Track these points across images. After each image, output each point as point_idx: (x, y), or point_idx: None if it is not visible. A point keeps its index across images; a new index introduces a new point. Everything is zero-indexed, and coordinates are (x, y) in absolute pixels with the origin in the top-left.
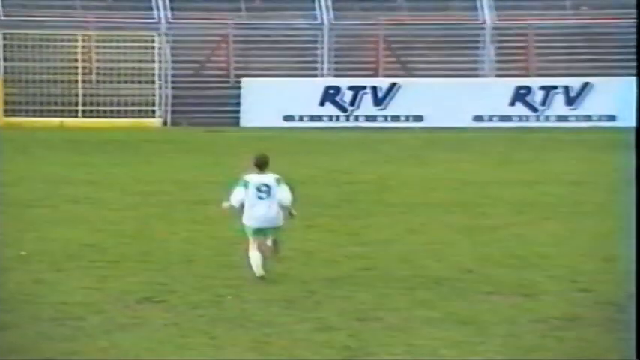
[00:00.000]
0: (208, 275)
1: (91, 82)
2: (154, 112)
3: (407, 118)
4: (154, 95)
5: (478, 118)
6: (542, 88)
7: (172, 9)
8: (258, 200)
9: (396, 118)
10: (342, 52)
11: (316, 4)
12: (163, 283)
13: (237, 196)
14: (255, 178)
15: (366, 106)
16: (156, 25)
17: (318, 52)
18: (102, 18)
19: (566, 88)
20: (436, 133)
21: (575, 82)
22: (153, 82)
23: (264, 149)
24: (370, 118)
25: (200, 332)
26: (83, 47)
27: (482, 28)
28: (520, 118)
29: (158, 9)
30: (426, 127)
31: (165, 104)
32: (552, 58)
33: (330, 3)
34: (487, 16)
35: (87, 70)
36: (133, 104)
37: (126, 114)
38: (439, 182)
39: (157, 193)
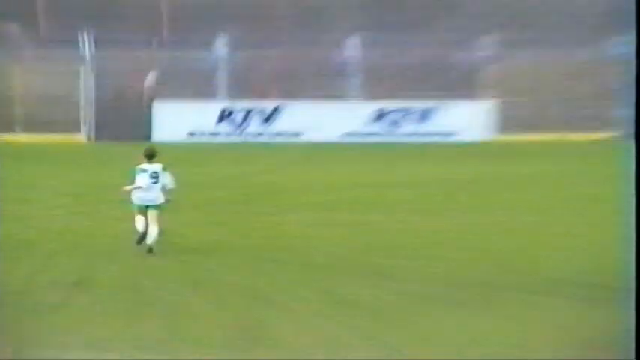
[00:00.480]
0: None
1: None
2: (79, 129)
3: (288, 134)
4: (79, 116)
5: (347, 135)
6: (395, 111)
7: (96, 44)
8: (152, 184)
9: (279, 134)
10: (236, 80)
11: (217, 41)
12: (89, 271)
13: (141, 180)
14: (149, 167)
15: (255, 124)
16: (82, 58)
17: (218, 79)
18: (36, 50)
19: (414, 110)
20: (312, 146)
21: (421, 105)
22: (79, 103)
23: (173, 159)
24: (258, 135)
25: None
26: (21, 75)
27: (351, 62)
28: (375, 135)
29: (84, 45)
30: (304, 142)
31: (90, 123)
32: (405, 85)
33: (227, 40)
34: (353, 51)
35: (23, 95)
36: (64, 122)
37: (57, 130)
38: (314, 187)
39: (83, 194)
